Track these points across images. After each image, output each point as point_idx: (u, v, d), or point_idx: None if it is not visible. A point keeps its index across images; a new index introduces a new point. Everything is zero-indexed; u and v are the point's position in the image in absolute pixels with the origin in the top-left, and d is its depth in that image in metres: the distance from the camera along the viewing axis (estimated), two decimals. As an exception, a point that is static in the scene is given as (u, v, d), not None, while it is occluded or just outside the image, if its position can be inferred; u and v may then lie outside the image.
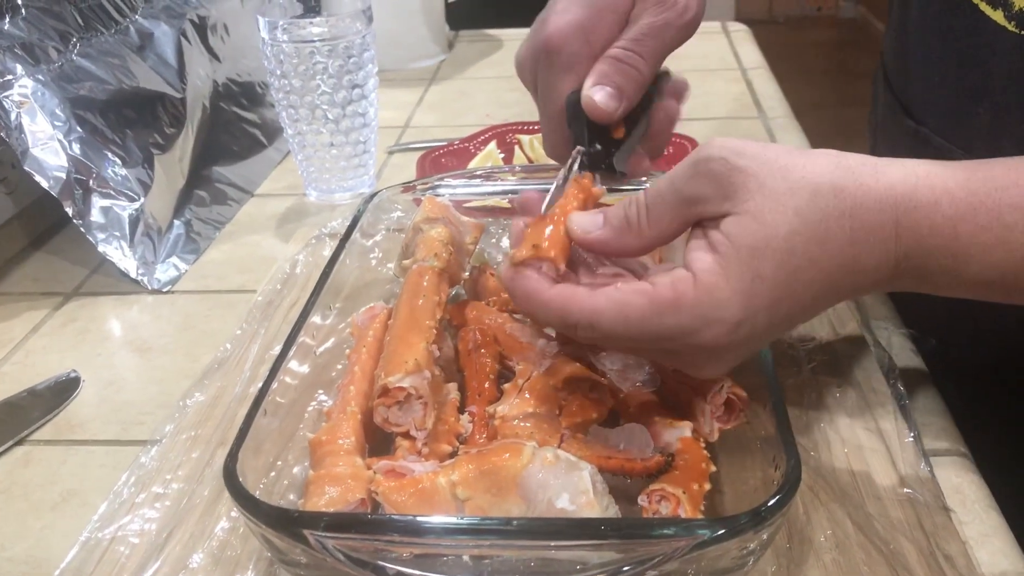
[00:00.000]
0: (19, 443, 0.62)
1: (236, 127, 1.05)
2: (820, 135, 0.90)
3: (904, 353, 0.64)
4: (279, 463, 0.51)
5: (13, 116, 0.77)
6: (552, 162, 0.86)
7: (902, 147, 0.71)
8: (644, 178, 0.60)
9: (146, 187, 0.85)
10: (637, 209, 0.47)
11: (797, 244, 0.43)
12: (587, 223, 0.48)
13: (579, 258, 0.50)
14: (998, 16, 0.57)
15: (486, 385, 0.57)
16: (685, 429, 0.50)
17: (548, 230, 0.48)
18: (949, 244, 0.43)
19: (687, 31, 0.55)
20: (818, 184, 0.43)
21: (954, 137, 0.64)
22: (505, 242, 0.74)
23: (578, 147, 0.55)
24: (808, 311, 0.46)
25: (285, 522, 0.42)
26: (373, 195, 0.70)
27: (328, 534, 0.41)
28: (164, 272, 0.82)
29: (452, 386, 0.56)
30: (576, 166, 0.54)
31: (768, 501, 0.41)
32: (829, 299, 0.46)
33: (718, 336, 0.43)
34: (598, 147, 0.55)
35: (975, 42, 0.60)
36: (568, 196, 0.51)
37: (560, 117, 0.56)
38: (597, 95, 0.53)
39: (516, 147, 0.97)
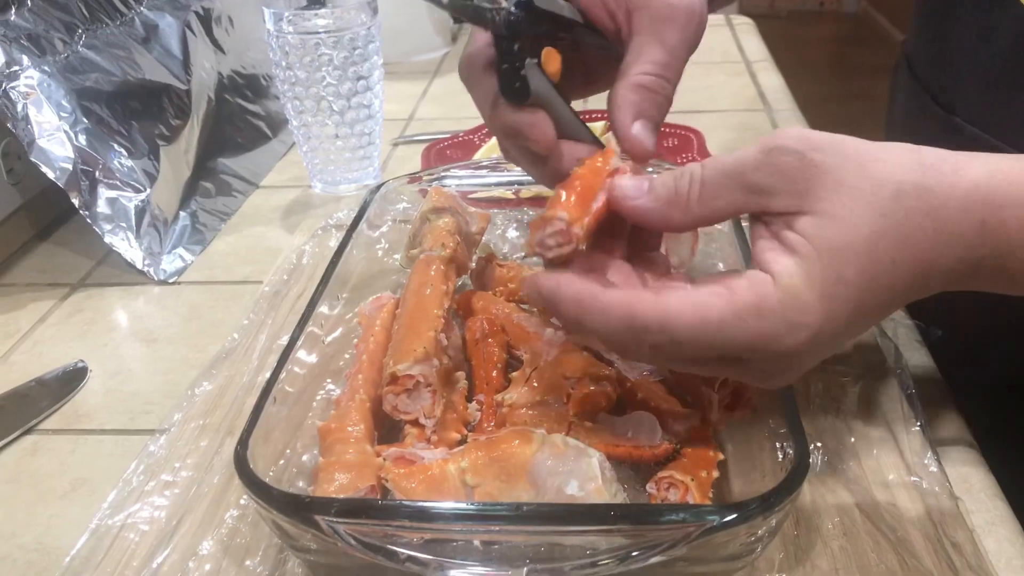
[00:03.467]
0: (28, 432, 0.63)
1: (241, 119, 1.05)
2: (825, 129, 0.90)
3: (910, 343, 0.64)
4: (288, 451, 0.52)
5: (20, 107, 0.77)
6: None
7: (927, 137, 0.71)
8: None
9: (152, 178, 0.85)
10: (690, 182, 0.43)
11: (880, 247, 0.40)
12: (630, 187, 0.44)
13: (596, 265, 0.45)
14: None
15: (494, 374, 0.57)
16: (693, 417, 0.50)
17: (573, 198, 0.44)
18: None
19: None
20: (901, 183, 0.40)
21: (989, 126, 0.62)
22: (511, 232, 0.74)
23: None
24: (877, 318, 0.43)
25: (297, 508, 0.43)
26: (380, 186, 0.71)
27: (340, 519, 0.42)
28: (170, 263, 0.82)
29: (460, 374, 0.56)
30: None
31: (777, 488, 0.42)
32: (898, 303, 0.42)
33: (799, 343, 0.40)
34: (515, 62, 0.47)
35: (1020, 41, 0.58)
36: (594, 167, 0.46)
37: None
38: (639, 132, 0.48)
39: (521, 139, 0.97)
